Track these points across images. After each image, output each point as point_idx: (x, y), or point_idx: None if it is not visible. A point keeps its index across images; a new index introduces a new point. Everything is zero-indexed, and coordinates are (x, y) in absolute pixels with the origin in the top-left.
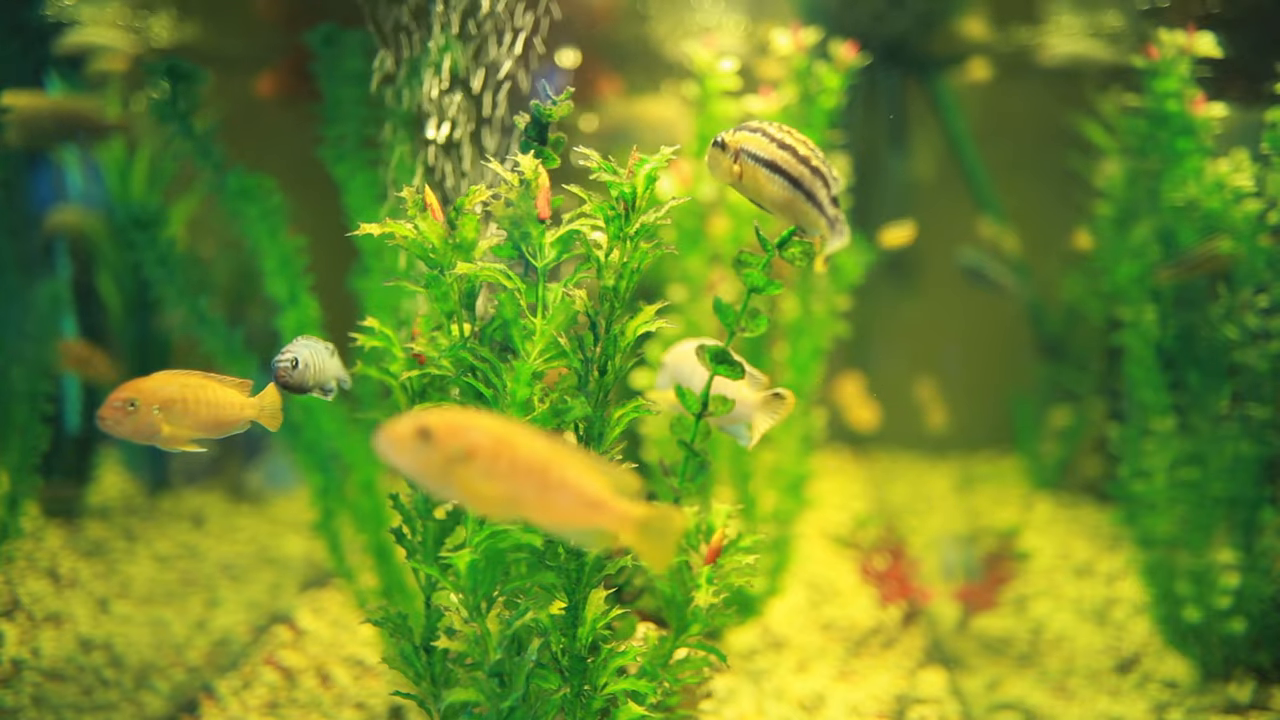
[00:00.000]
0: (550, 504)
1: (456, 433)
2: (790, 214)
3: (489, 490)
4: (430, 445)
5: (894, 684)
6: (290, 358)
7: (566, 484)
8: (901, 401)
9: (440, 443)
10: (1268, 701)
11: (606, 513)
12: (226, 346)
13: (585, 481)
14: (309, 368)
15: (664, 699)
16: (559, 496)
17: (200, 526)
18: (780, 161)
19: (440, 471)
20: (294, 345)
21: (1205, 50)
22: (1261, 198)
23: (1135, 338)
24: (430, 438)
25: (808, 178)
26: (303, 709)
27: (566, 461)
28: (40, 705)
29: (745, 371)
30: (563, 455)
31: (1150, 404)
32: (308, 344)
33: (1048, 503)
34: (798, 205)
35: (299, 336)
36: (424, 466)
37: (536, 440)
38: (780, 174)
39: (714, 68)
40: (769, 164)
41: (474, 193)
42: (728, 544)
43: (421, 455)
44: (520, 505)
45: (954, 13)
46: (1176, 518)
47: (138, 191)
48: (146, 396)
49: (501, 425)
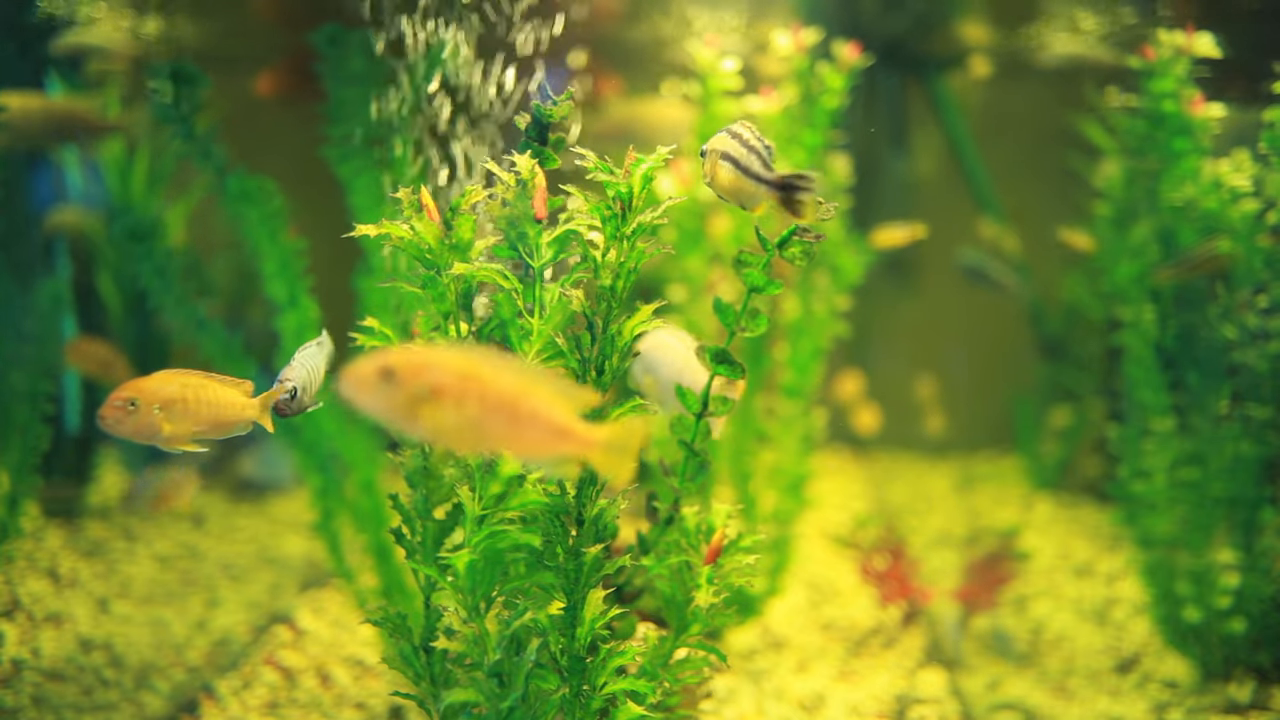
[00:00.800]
0: (519, 436)
1: (420, 371)
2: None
3: (457, 426)
4: (394, 385)
5: (894, 684)
6: (289, 388)
7: (537, 415)
8: (901, 402)
9: (404, 382)
10: (1268, 701)
11: (573, 439)
12: (225, 351)
13: (553, 411)
14: (306, 391)
15: (664, 699)
16: (528, 428)
17: (200, 526)
18: (731, 150)
19: (406, 411)
20: (291, 368)
21: (1204, 50)
22: (1259, 197)
23: (1135, 338)
24: (393, 377)
25: (744, 156)
26: (303, 709)
27: (534, 392)
28: (40, 705)
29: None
30: (529, 385)
31: (1150, 404)
32: (303, 360)
33: (1048, 503)
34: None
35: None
36: (389, 407)
37: (502, 373)
38: (729, 160)
39: (715, 67)
40: (724, 155)
41: (470, 193)
42: (728, 544)
43: (386, 396)
44: (489, 439)
45: (953, 13)
46: (1176, 518)
47: (137, 192)
48: (147, 396)
49: (465, 360)
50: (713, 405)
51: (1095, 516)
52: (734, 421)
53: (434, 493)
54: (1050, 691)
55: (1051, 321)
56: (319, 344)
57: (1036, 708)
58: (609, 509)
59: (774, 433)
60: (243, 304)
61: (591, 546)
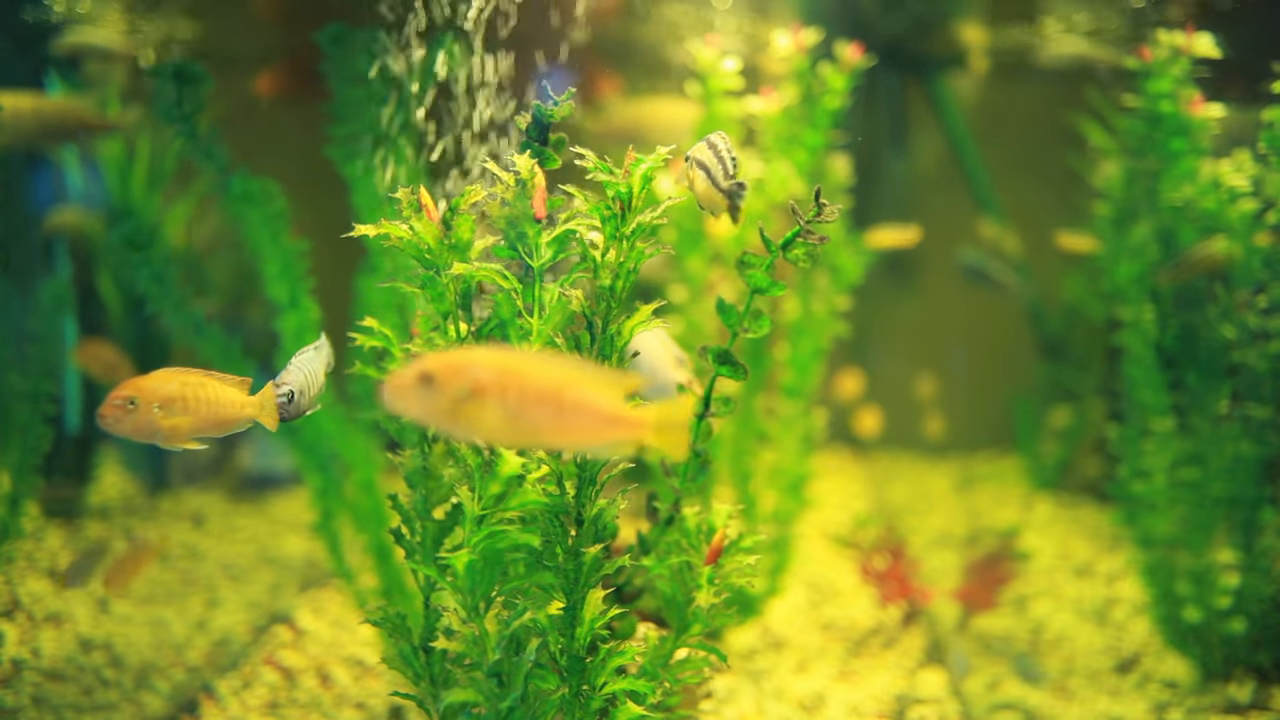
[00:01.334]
0: (568, 426)
1: (459, 372)
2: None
3: (503, 423)
4: (434, 389)
5: (894, 684)
6: (286, 391)
7: (583, 404)
8: (901, 402)
9: (443, 385)
10: (1268, 701)
11: (625, 424)
12: (224, 354)
13: (599, 398)
14: (304, 394)
15: (664, 699)
16: (575, 418)
17: (200, 526)
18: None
19: (449, 413)
20: (289, 372)
21: (1204, 50)
22: (1258, 197)
23: (1135, 338)
24: (432, 381)
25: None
26: (303, 709)
27: (578, 382)
28: (40, 705)
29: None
30: (572, 376)
31: (1150, 404)
32: (300, 364)
33: (1048, 503)
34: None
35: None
36: (432, 410)
37: (543, 366)
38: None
39: (716, 67)
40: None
41: (469, 193)
42: (729, 544)
43: (427, 400)
44: (538, 433)
45: (953, 13)
46: (1176, 518)
47: (137, 192)
48: (146, 395)
49: (504, 357)
50: (714, 406)
51: (1095, 516)
52: (734, 421)
53: (433, 493)
54: (1050, 691)
55: (1051, 321)
56: (316, 348)
57: (1036, 708)
58: (608, 509)
59: (774, 433)
60: (242, 304)
61: (591, 546)
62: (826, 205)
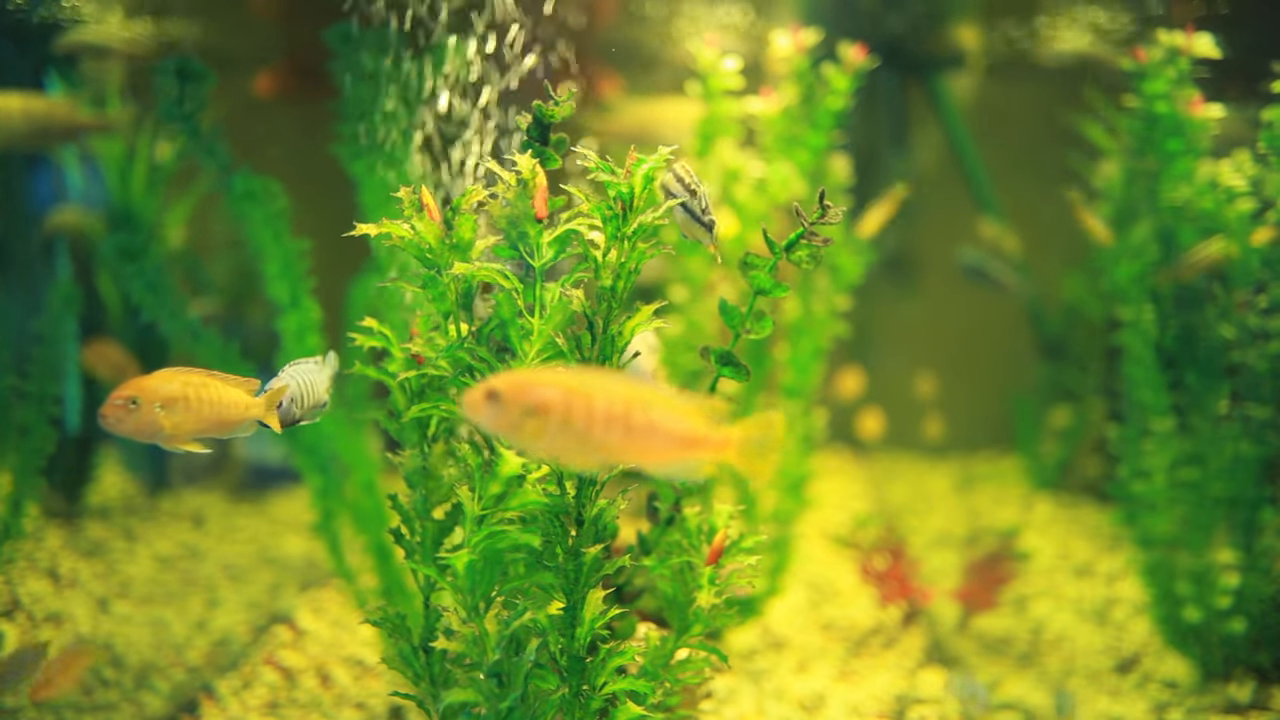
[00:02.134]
0: (642, 447)
1: (524, 390)
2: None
3: (570, 442)
4: (500, 405)
5: (894, 684)
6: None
7: (654, 427)
8: (902, 402)
9: (508, 402)
10: (1268, 701)
11: (706, 444)
12: (222, 358)
13: (673, 421)
14: (295, 401)
15: (664, 699)
16: (649, 440)
17: (200, 526)
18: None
19: (515, 427)
20: (279, 379)
21: (1203, 51)
22: (1257, 197)
23: (1135, 338)
24: (498, 398)
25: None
26: (303, 709)
27: (649, 403)
28: (40, 705)
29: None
30: (642, 398)
31: (1150, 404)
32: (294, 374)
33: (1048, 503)
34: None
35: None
36: (499, 424)
37: (612, 387)
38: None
39: (717, 67)
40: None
41: (470, 192)
42: (730, 544)
43: (494, 414)
44: (611, 452)
45: (953, 13)
46: (1176, 518)
47: (137, 192)
48: (148, 394)
49: (573, 378)
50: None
51: (1095, 516)
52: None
53: (433, 493)
54: (1050, 691)
55: (1051, 321)
56: (318, 361)
57: (1036, 708)
58: (608, 509)
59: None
60: (242, 304)
61: (591, 547)
62: (830, 207)
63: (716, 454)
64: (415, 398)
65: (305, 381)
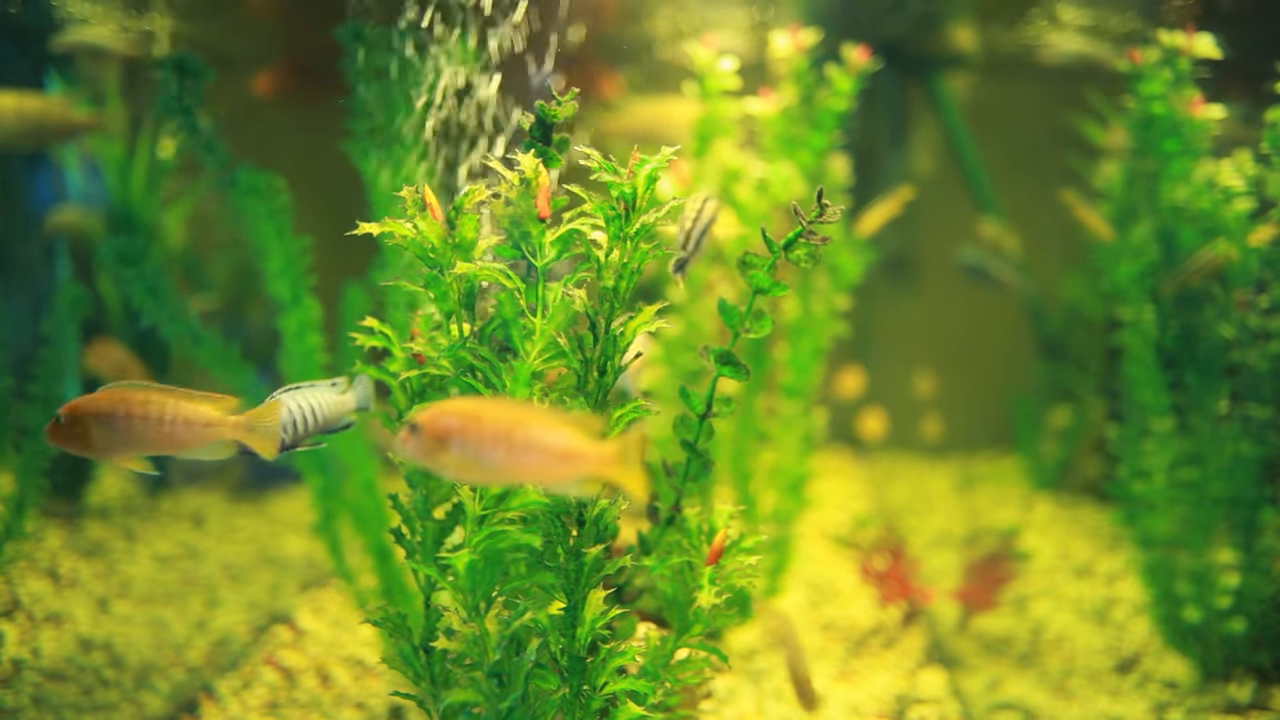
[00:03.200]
0: (527, 464)
1: (435, 420)
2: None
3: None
4: (419, 438)
5: (894, 684)
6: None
7: (532, 444)
8: (902, 402)
9: (424, 432)
10: (1268, 701)
11: (583, 459)
12: (222, 360)
13: (551, 437)
14: (284, 428)
15: (664, 699)
16: (531, 456)
17: (200, 526)
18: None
19: (431, 457)
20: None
21: (1204, 51)
22: (1259, 196)
23: (1135, 338)
24: (418, 430)
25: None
26: (303, 709)
27: (529, 422)
28: (40, 705)
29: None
30: (524, 417)
31: (1150, 404)
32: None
33: (1048, 503)
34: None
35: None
36: (420, 455)
37: (501, 410)
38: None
39: (714, 67)
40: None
41: (473, 192)
42: (730, 544)
43: (416, 447)
44: (502, 472)
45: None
46: (1176, 518)
47: (137, 191)
48: (88, 411)
49: (471, 404)
50: (716, 406)
51: (1095, 516)
52: (734, 421)
53: (434, 493)
54: (1050, 691)
55: (1051, 321)
56: (334, 385)
57: (1036, 708)
58: (610, 510)
59: (774, 433)
60: (243, 303)
61: (592, 547)
62: (829, 206)
63: (594, 468)
64: (416, 397)
65: (307, 404)
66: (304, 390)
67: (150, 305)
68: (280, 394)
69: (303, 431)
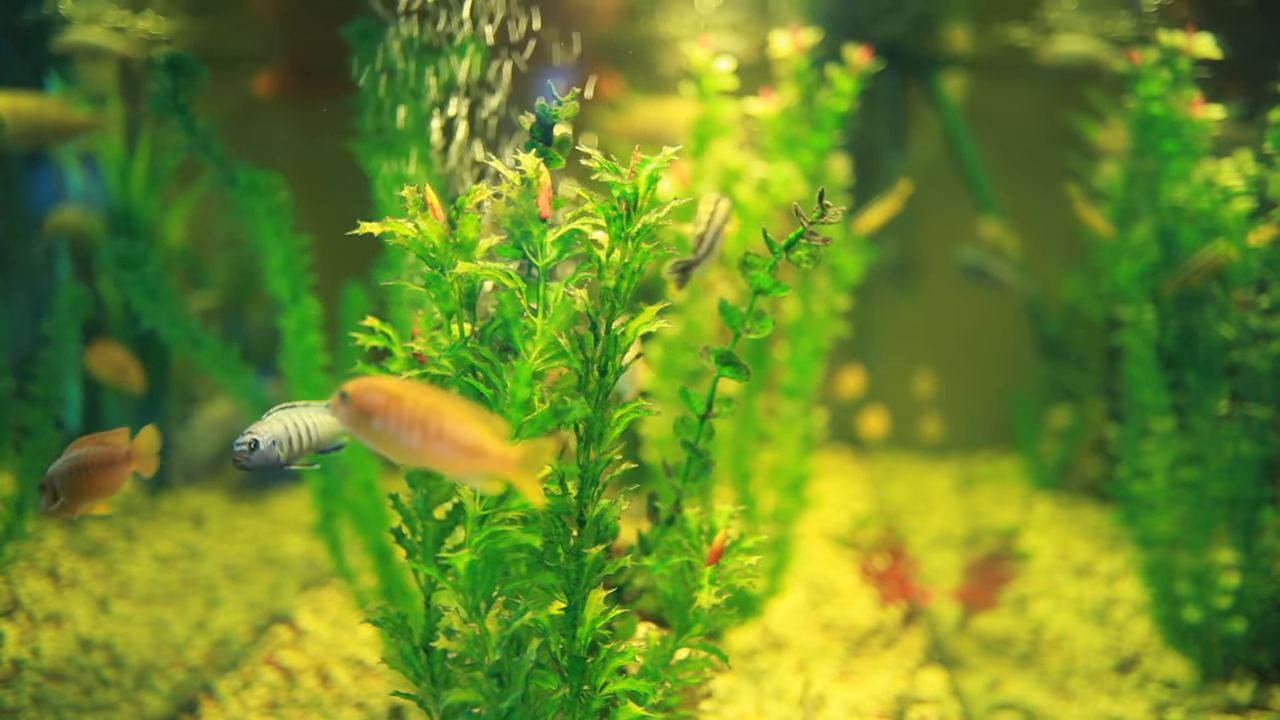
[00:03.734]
0: (435, 452)
1: (361, 393)
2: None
3: (390, 442)
4: (346, 405)
5: (894, 684)
6: (249, 440)
7: (444, 434)
8: (902, 402)
9: (351, 402)
10: (1268, 701)
11: (486, 457)
12: (222, 362)
13: (462, 431)
14: (279, 444)
15: (664, 699)
16: (440, 446)
17: (200, 526)
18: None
19: (355, 425)
20: (264, 421)
21: (1203, 51)
22: (1260, 197)
23: (1135, 338)
24: (346, 399)
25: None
26: (303, 709)
27: (445, 413)
28: (40, 705)
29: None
30: (442, 408)
31: (1150, 404)
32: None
33: (1048, 503)
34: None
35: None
36: (346, 421)
37: (424, 397)
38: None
39: (710, 67)
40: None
41: (474, 191)
42: (730, 544)
43: (344, 413)
44: (416, 455)
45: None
46: (1176, 518)
47: (137, 192)
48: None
49: (399, 385)
50: (716, 407)
51: (1095, 516)
52: (734, 421)
53: (434, 493)
54: (1050, 691)
55: (1051, 321)
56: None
57: (1036, 708)
58: (610, 510)
59: (774, 433)
60: (243, 303)
61: (592, 547)
62: (830, 206)
63: (495, 468)
64: None
65: (302, 423)
66: (299, 409)
67: (150, 308)
68: (276, 412)
69: (297, 450)
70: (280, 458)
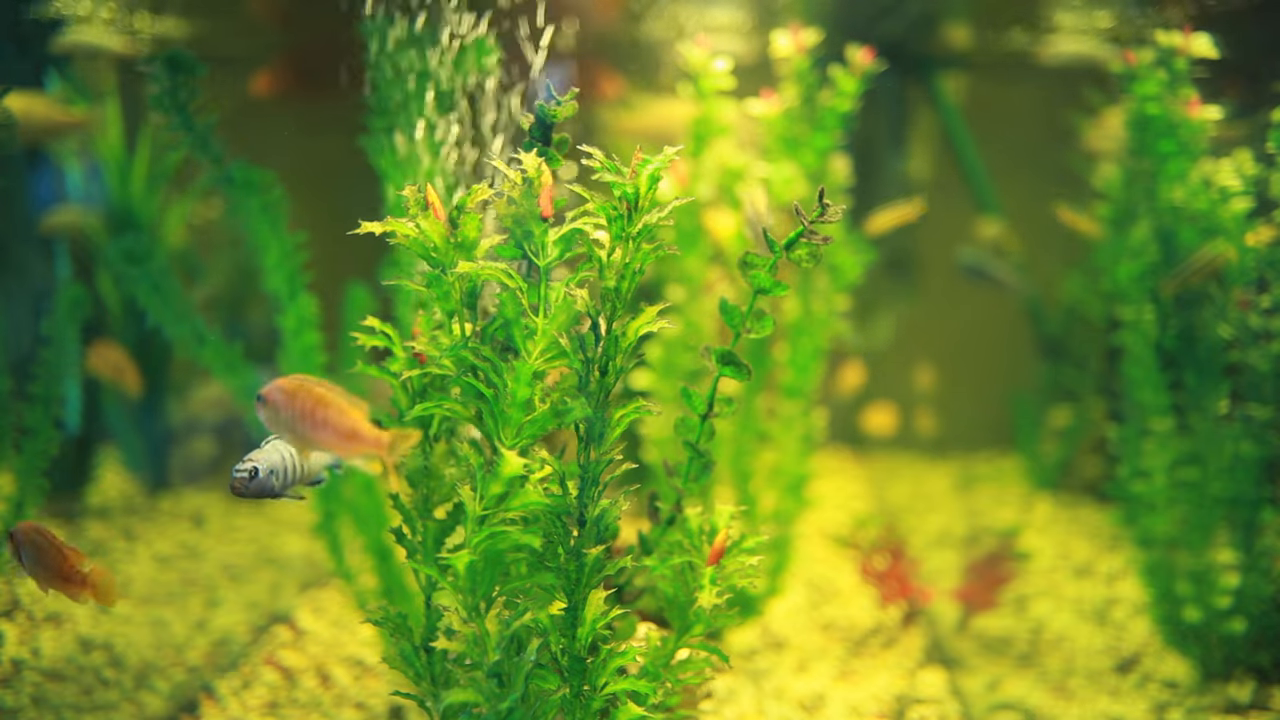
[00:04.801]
0: (326, 438)
1: (270, 392)
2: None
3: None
4: (261, 403)
5: (894, 684)
6: (249, 468)
7: (329, 422)
8: (902, 402)
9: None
10: (1268, 701)
11: (363, 440)
12: (225, 362)
13: (341, 419)
14: (275, 474)
15: (664, 699)
16: (326, 432)
17: (200, 526)
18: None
19: (270, 421)
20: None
21: (1202, 51)
22: (1260, 197)
23: (1135, 338)
24: (260, 399)
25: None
26: (303, 709)
27: (329, 405)
28: (40, 705)
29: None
30: (328, 400)
31: (1150, 404)
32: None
33: (1048, 503)
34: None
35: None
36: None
37: (315, 392)
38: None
39: (708, 67)
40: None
41: (475, 191)
42: (731, 545)
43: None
44: (312, 440)
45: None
46: (1176, 518)
47: (137, 191)
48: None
49: (297, 384)
50: (717, 407)
51: (1095, 516)
52: (735, 421)
53: (434, 492)
54: (1050, 691)
55: (1051, 321)
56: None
57: (1036, 708)
58: (610, 510)
59: (774, 433)
60: (243, 303)
61: (593, 547)
62: (830, 206)
63: (371, 448)
64: (417, 397)
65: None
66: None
67: (155, 304)
68: (274, 441)
69: (290, 480)
70: (274, 486)
